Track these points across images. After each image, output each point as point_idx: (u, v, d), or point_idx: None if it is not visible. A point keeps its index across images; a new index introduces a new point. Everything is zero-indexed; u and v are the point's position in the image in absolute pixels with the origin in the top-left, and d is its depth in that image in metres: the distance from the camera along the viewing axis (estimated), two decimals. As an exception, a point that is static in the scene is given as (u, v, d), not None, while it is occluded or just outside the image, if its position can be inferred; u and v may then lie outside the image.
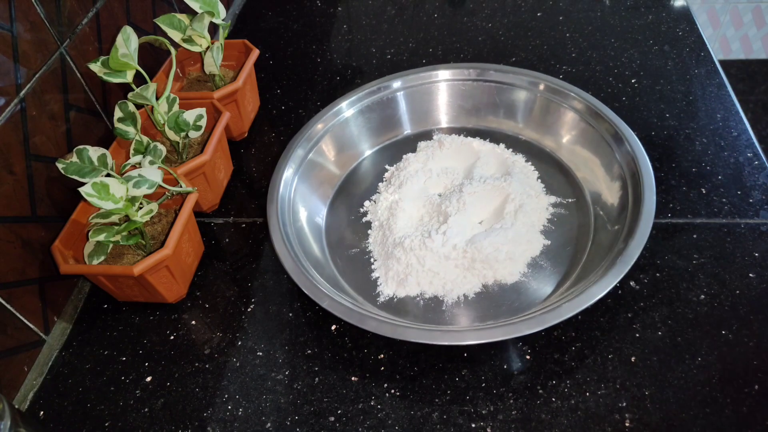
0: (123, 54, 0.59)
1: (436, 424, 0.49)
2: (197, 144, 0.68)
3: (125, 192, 0.53)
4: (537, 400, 0.50)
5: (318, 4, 1.02)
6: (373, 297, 0.59)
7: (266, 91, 0.84)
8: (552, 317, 0.49)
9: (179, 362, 0.56)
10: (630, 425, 0.47)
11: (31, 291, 0.57)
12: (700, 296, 0.55)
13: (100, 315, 0.61)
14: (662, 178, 0.65)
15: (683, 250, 0.59)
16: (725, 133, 0.70)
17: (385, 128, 0.75)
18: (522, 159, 0.70)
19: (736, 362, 0.43)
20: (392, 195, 0.67)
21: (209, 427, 0.51)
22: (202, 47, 0.70)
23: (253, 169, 0.75)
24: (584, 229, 0.62)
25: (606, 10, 0.91)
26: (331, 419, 0.50)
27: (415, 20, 0.95)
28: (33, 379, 0.56)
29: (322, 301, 0.53)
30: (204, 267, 0.64)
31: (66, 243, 0.57)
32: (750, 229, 0.60)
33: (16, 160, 0.55)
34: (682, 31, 0.85)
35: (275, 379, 0.54)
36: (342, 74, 0.86)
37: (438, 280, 0.58)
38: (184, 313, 0.60)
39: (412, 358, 0.54)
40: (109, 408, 0.53)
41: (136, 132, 0.63)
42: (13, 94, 0.55)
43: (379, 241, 0.63)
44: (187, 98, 0.69)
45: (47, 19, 0.59)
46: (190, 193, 0.60)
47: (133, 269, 0.53)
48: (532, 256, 0.60)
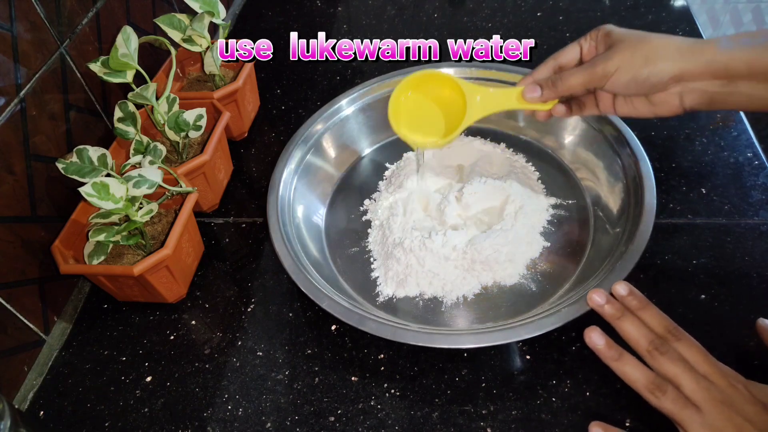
0: (123, 54, 0.59)
1: (436, 424, 0.49)
2: (197, 144, 0.68)
3: (125, 192, 0.53)
4: (537, 400, 0.50)
5: (318, 4, 1.02)
6: (372, 297, 0.59)
7: (266, 91, 0.84)
8: (551, 321, 0.49)
9: (179, 362, 0.56)
10: (630, 425, 0.47)
11: (31, 291, 0.57)
12: (700, 296, 0.55)
13: (100, 315, 0.61)
14: (662, 178, 0.65)
15: (683, 250, 0.59)
16: (725, 133, 0.70)
17: (386, 126, 0.74)
18: (523, 159, 0.70)
19: (736, 362, 0.43)
20: (393, 194, 0.67)
21: (209, 427, 0.51)
22: (202, 47, 0.70)
23: (253, 169, 0.75)
24: (584, 231, 0.62)
25: (606, 10, 0.91)
26: (331, 419, 0.50)
27: (415, 20, 0.95)
28: (33, 379, 0.56)
29: (321, 302, 0.53)
30: (204, 267, 0.64)
31: (66, 243, 0.57)
32: (750, 229, 0.60)
33: (16, 160, 0.55)
34: (682, 31, 0.85)
35: (275, 379, 0.54)
36: (342, 74, 0.86)
37: (437, 281, 0.58)
38: (184, 313, 0.60)
39: (412, 358, 0.54)
40: (109, 408, 0.53)
41: (136, 132, 0.63)
42: (13, 94, 0.55)
43: (379, 240, 0.63)
44: (187, 98, 0.69)
45: (47, 19, 0.59)
46: (190, 193, 0.60)
47: (133, 269, 0.53)
48: (531, 258, 0.60)
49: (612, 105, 0.52)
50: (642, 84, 0.47)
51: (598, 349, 0.44)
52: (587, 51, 0.52)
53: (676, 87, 0.47)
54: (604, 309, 0.46)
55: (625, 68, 0.46)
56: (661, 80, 0.46)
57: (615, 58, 0.47)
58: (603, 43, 0.50)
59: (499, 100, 0.54)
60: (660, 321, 0.44)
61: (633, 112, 0.50)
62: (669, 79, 0.46)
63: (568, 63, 0.53)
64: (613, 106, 0.52)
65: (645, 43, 0.46)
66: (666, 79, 0.46)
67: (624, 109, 0.51)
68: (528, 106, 0.53)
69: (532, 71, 0.54)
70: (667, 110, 0.48)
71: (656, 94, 0.48)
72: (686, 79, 0.46)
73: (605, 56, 0.48)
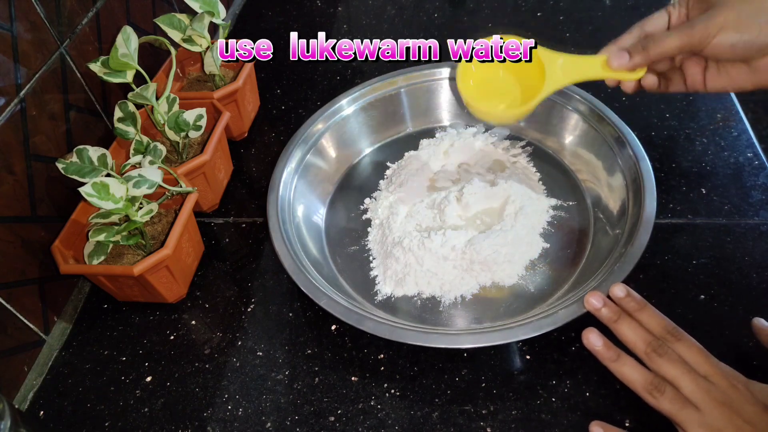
0: (123, 54, 0.59)
1: (436, 424, 0.49)
2: (197, 144, 0.68)
3: (125, 192, 0.53)
4: (537, 400, 0.50)
5: (318, 4, 1.01)
6: (370, 295, 0.59)
7: (266, 91, 0.84)
8: (548, 323, 0.49)
9: (179, 362, 0.56)
10: (630, 425, 0.47)
11: (31, 291, 0.57)
12: (700, 296, 0.55)
13: (100, 315, 0.61)
14: (662, 179, 0.65)
15: (683, 250, 0.59)
16: (725, 133, 0.70)
17: (387, 126, 0.75)
18: (524, 160, 0.70)
19: (736, 362, 0.43)
20: (393, 193, 0.67)
21: (209, 427, 0.51)
22: (202, 47, 0.70)
23: (253, 169, 0.75)
24: (584, 232, 0.62)
25: (606, 10, 0.91)
26: (331, 419, 0.51)
27: (415, 20, 0.95)
28: (33, 379, 0.56)
29: (320, 300, 0.53)
30: (204, 267, 0.64)
31: (66, 243, 0.57)
32: (750, 229, 0.60)
33: (16, 160, 0.55)
34: (682, 31, 0.85)
35: (275, 379, 0.54)
36: (342, 74, 0.86)
37: (436, 281, 0.58)
38: (184, 313, 0.60)
39: (412, 358, 0.54)
40: (109, 408, 0.53)
41: (136, 132, 0.63)
42: (13, 94, 0.55)
43: (379, 239, 0.63)
44: (187, 98, 0.69)
45: (47, 19, 0.59)
46: (190, 193, 0.60)
47: (133, 269, 0.53)
48: (530, 258, 0.60)
49: (702, 79, 0.47)
50: (749, 46, 0.42)
51: (596, 350, 0.44)
52: (677, 18, 0.47)
53: None
54: (601, 312, 0.46)
55: (731, 27, 0.42)
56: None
57: (718, 17, 0.42)
58: (697, 8, 0.45)
59: (582, 68, 0.49)
60: (658, 322, 0.44)
61: (728, 83, 0.46)
62: None
63: (656, 30, 0.48)
64: (704, 81, 0.47)
65: (752, 2, 0.42)
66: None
67: (717, 81, 0.46)
68: (614, 75, 0.48)
69: (616, 39, 0.49)
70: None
71: (763, 58, 0.43)
72: None
73: (706, 16, 0.43)
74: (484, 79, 0.53)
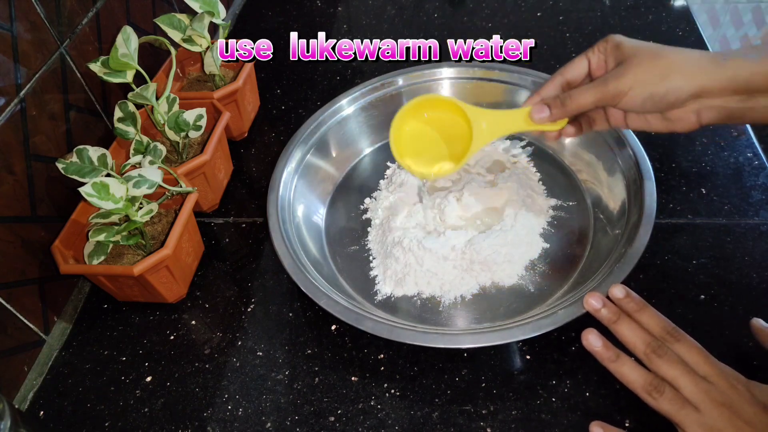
0: (123, 54, 0.59)
1: (436, 424, 0.49)
2: (197, 144, 0.68)
3: (125, 192, 0.53)
4: (537, 400, 0.50)
5: (318, 4, 1.02)
6: (370, 295, 0.59)
7: (266, 91, 0.84)
8: (548, 323, 0.49)
9: (179, 362, 0.56)
10: (630, 425, 0.47)
11: (31, 291, 0.57)
12: (700, 296, 0.55)
13: (100, 315, 0.61)
14: (662, 179, 0.65)
15: (683, 250, 0.59)
16: (725, 133, 0.70)
17: (387, 126, 0.74)
18: (524, 160, 0.70)
19: (736, 362, 0.43)
20: (393, 193, 0.67)
21: (209, 427, 0.51)
22: (202, 47, 0.70)
23: (253, 169, 0.75)
24: (584, 233, 0.62)
25: (606, 10, 0.91)
26: (331, 419, 0.51)
27: (415, 20, 0.95)
28: (33, 379, 0.56)
29: (319, 300, 0.53)
30: (204, 267, 0.64)
31: (66, 243, 0.57)
32: (750, 229, 0.60)
33: (16, 160, 0.55)
34: (682, 31, 0.85)
35: (275, 379, 0.54)
36: (342, 74, 0.86)
37: (436, 281, 0.58)
38: (184, 313, 0.60)
39: (412, 358, 0.54)
40: (109, 408, 0.53)
41: (136, 132, 0.63)
42: (13, 94, 0.55)
43: (379, 239, 0.63)
44: (187, 98, 0.69)
45: (47, 19, 0.59)
46: (190, 193, 0.60)
47: (133, 269, 0.53)
48: (530, 259, 0.60)
49: (623, 120, 0.50)
50: (659, 102, 0.45)
51: (595, 350, 0.44)
52: (596, 65, 0.49)
53: (694, 104, 0.45)
54: (600, 313, 0.46)
55: (640, 86, 0.44)
56: (679, 98, 0.44)
57: (628, 75, 0.45)
58: (613, 57, 0.47)
59: (506, 124, 0.52)
60: (658, 322, 0.44)
61: (646, 126, 0.48)
62: (688, 96, 0.44)
63: (576, 78, 0.50)
64: (625, 121, 0.50)
65: (660, 59, 0.44)
66: (685, 96, 0.44)
67: (636, 123, 0.49)
68: (536, 127, 0.51)
69: (538, 89, 0.51)
70: (683, 126, 0.46)
71: (672, 110, 0.46)
72: (705, 96, 0.44)
73: (617, 73, 0.45)
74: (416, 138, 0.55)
